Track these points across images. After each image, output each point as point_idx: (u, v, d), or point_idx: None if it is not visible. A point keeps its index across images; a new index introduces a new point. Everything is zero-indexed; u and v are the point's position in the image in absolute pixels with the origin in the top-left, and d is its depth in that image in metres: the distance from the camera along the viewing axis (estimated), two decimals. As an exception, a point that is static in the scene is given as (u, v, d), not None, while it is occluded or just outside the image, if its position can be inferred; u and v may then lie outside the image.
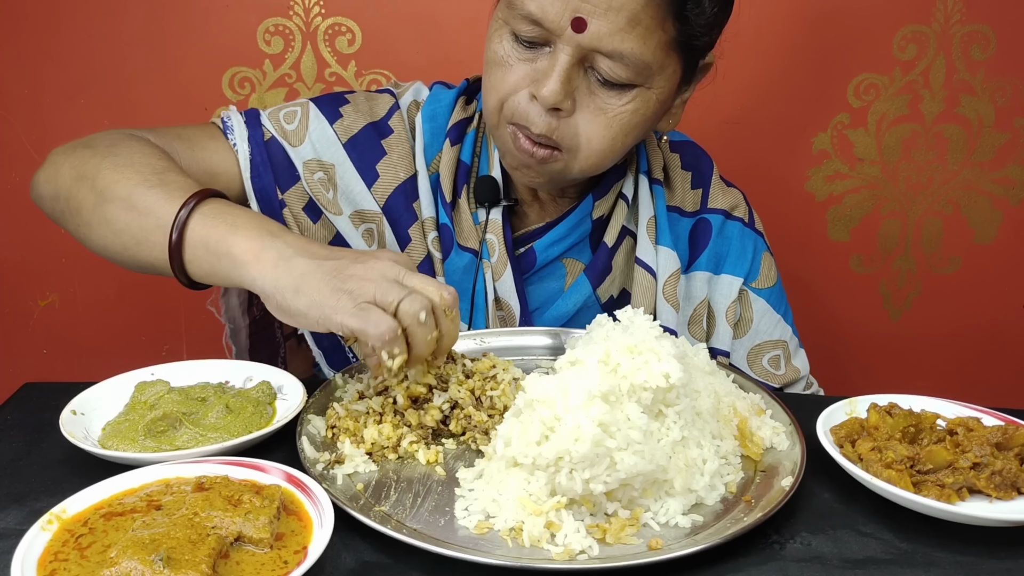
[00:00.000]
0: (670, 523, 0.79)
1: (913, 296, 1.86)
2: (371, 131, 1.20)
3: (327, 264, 0.86)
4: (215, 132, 1.17)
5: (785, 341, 1.26)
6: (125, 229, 0.97)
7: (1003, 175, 1.76)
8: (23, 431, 0.93)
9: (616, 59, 0.98)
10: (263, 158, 1.16)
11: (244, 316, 1.33)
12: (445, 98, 1.23)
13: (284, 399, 0.98)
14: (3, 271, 1.77)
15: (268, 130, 1.18)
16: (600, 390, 0.77)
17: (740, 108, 1.71)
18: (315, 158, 1.18)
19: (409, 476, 0.86)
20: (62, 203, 1.04)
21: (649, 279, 1.20)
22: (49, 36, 1.63)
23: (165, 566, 0.65)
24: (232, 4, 1.62)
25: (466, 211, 1.19)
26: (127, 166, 0.99)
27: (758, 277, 1.25)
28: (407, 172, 1.20)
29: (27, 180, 1.70)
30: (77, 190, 1.01)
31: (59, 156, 1.06)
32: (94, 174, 1.00)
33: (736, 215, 1.26)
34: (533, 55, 1.02)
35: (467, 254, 1.20)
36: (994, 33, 1.65)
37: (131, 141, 1.05)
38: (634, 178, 1.23)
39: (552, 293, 1.23)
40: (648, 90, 1.03)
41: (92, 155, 1.03)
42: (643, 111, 1.04)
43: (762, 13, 1.65)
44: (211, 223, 0.92)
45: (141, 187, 0.96)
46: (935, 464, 0.83)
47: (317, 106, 1.20)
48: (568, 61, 0.99)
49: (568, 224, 1.20)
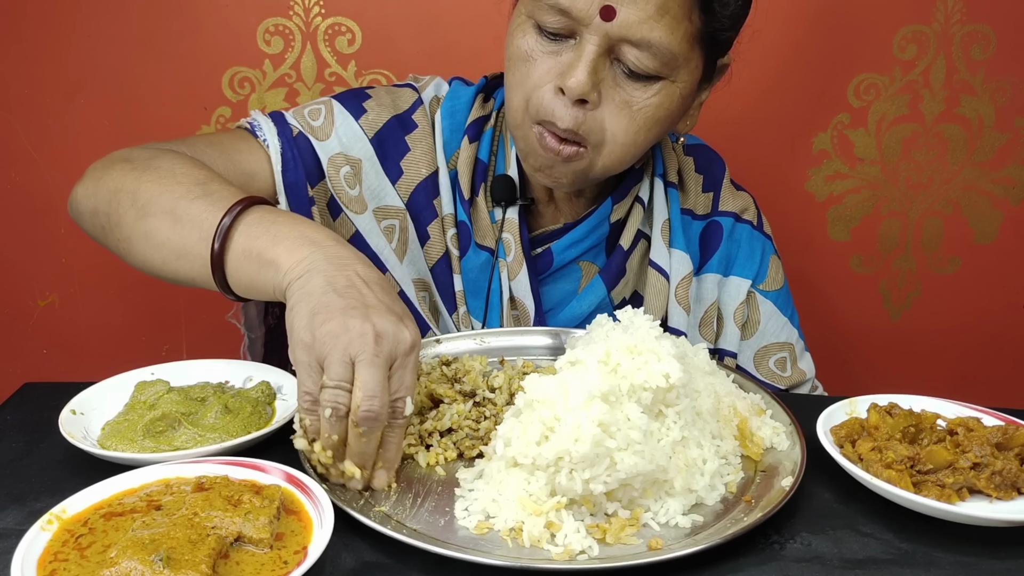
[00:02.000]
0: (670, 523, 0.79)
1: (913, 296, 1.86)
2: (395, 125, 1.20)
3: (321, 305, 0.80)
4: (244, 135, 1.17)
5: (792, 343, 1.27)
6: (167, 242, 0.95)
7: (1003, 175, 1.76)
8: (23, 431, 0.93)
9: (644, 48, 0.98)
10: (294, 153, 1.16)
11: (260, 326, 1.33)
12: (464, 95, 1.23)
13: (284, 399, 0.98)
14: (3, 271, 1.77)
15: (295, 127, 1.18)
16: (600, 390, 0.77)
17: (740, 108, 1.71)
18: (341, 152, 1.18)
19: (409, 476, 0.86)
20: (102, 218, 1.02)
21: (662, 281, 1.21)
22: (49, 36, 1.63)
23: (165, 566, 0.65)
24: (232, 4, 1.62)
25: (483, 209, 1.20)
26: (169, 178, 0.97)
27: (766, 279, 1.26)
28: (429, 168, 1.20)
29: (27, 180, 1.71)
30: (118, 204, 1.00)
31: (98, 171, 1.05)
32: (134, 188, 0.98)
33: (746, 218, 1.27)
34: (558, 47, 1.02)
35: (484, 252, 1.20)
36: (994, 33, 1.65)
37: (170, 155, 1.04)
38: (650, 181, 1.24)
39: (566, 294, 1.23)
40: (672, 83, 1.03)
41: (132, 168, 1.01)
42: (667, 105, 1.04)
43: (762, 13, 1.65)
44: (255, 232, 0.89)
45: (184, 199, 0.94)
46: (935, 464, 0.83)
47: (340, 102, 1.21)
48: (595, 51, 0.98)
49: (587, 227, 1.20)
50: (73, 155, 1.69)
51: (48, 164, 1.71)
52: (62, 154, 1.70)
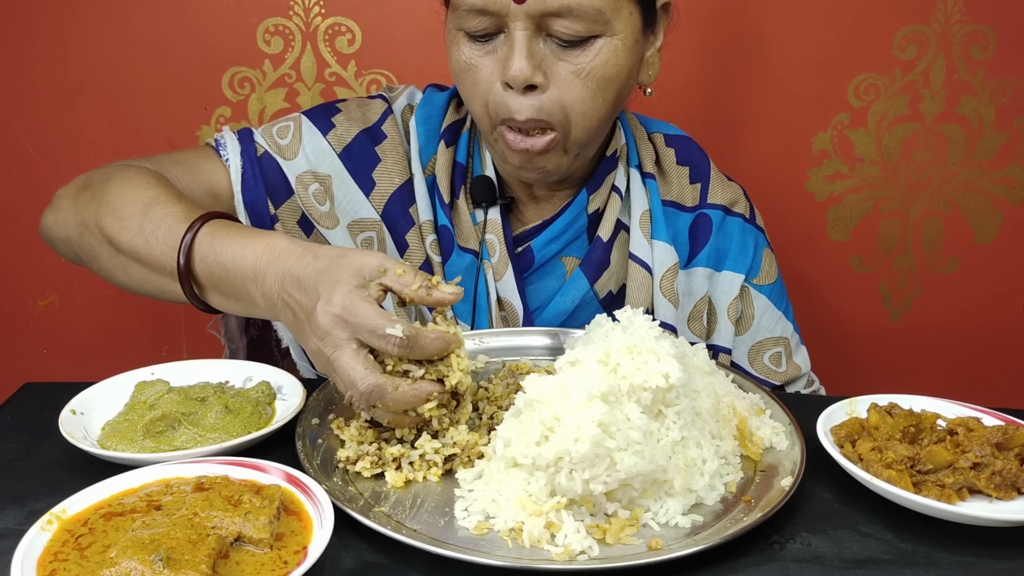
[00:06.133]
0: (670, 523, 0.79)
1: (913, 296, 1.86)
2: (365, 138, 1.20)
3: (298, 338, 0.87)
4: (209, 152, 1.18)
5: (787, 338, 1.26)
6: (146, 280, 1.00)
7: (1003, 175, 1.76)
8: (23, 431, 0.93)
9: (567, 15, 0.98)
10: (255, 172, 1.16)
11: (242, 336, 1.33)
12: (438, 101, 1.23)
13: (284, 399, 0.98)
14: (3, 271, 1.77)
15: (261, 146, 1.18)
16: (600, 390, 0.77)
17: (740, 108, 1.71)
18: (310, 170, 1.18)
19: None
20: (75, 248, 1.07)
21: (644, 274, 1.20)
22: (49, 36, 1.63)
23: (165, 566, 0.65)
24: (232, 4, 1.62)
25: (465, 212, 1.19)
26: (120, 210, 1.00)
27: (759, 274, 1.25)
28: (402, 177, 1.20)
29: (27, 180, 1.71)
30: (88, 238, 1.03)
31: (64, 200, 1.08)
32: (96, 222, 1.01)
33: (736, 211, 1.26)
34: (492, 46, 1.03)
35: (468, 255, 1.19)
36: (994, 33, 1.65)
37: (119, 178, 1.05)
38: (626, 171, 1.23)
39: (552, 292, 1.22)
40: (611, 38, 1.02)
41: (91, 199, 1.04)
42: (613, 60, 1.03)
43: (762, 13, 1.65)
44: (213, 276, 0.93)
45: (139, 237, 0.97)
46: (935, 464, 0.83)
47: (309, 118, 1.21)
48: (524, 35, 0.99)
49: (564, 221, 1.20)
50: (73, 155, 1.70)
51: (48, 164, 1.71)
52: (62, 154, 1.70)
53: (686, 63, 1.66)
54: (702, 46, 1.66)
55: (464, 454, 0.86)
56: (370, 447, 0.87)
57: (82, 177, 1.09)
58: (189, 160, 1.15)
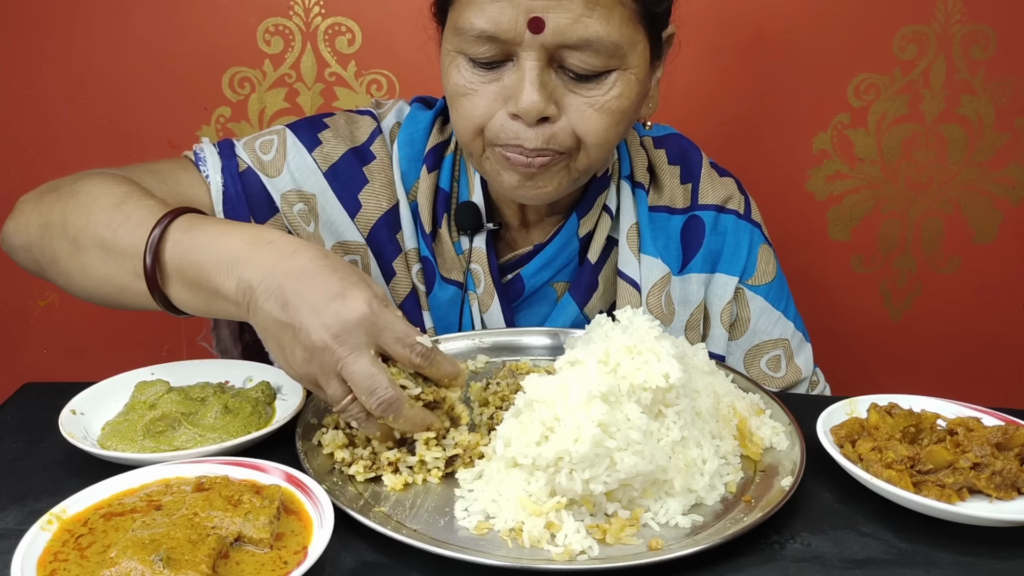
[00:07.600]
0: (670, 523, 0.79)
1: (913, 296, 1.86)
2: (352, 157, 1.15)
3: (282, 337, 0.81)
4: (187, 165, 1.13)
5: (787, 339, 1.21)
6: (106, 279, 0.93)
7: (1003, 175, 1.76)
8: (23, 431, 0.93)
9: (585, 48, 0.93)
10: (237, 190, 1.11)
11: (236, 344, 1.28)
12: (422, 121, 1.17)
13: (283, 399, 0.98)
14: (3, 271, 1.77)
15: (243, 161, 1.13)
16: (600, 390, 0.77)
17: (740, 108, 1.71)
18: (295, 189, 1.13)
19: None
20: (36, 254, 1.00)
21: (632, 292, 1.16)
22: (49, 36, 1.63)
23: (165, 566, 0.65)
24: (232, 4, 1.62)
25: (447, 241, 1.15)
26: (90, 203, 0.94)
27: (755, 273, 1.20)
28: (390, 201, 1.15)
29: (27, 180, 1.71)
30: (50, 238, 0.97)
31: (27, 204, 1.02)
32: (62, 219, 0.95)
33: (730, 207, 1.21)
34: (497, 74, 0.97)
35: (451, 287, 1.15)
36: (994, 33, 1.65)
37: (91, 177, 1.00)
38: (616, 186, 1.19)
39: (542, 318, 1.20)
40: (625, 71, 0.98)
41: (58, 199, 0.98)
42: (628, 94, 0.99)
43: (762, 13, 1.65)
44: (181, 264, 0.87)
45: (108, 228, 0.91)
46: (935, 464, 0.83)
47: (295, 133, 1.15)
48: (537, 66, 0.94)
49: (555, 247, 1.16)
50: (73, 155, 1.70)
51: (48, 164, 1.71)
52: (62, 154, 1.70)
53: (686, 63, 1.66)
54: (702, 46, 1.65)
55: (466, 455, 0.86)
56: (364, 451, 0.86)
57: (49, 183, 1.04)
58: (164, 170, 1.10)
